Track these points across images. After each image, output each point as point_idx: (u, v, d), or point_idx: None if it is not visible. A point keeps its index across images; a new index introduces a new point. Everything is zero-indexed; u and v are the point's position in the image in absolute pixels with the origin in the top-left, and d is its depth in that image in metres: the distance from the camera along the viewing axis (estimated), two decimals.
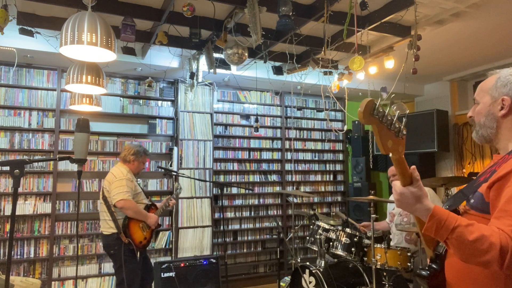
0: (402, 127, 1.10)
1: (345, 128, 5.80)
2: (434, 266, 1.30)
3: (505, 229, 1.07)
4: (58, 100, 4.51)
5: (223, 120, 5.43)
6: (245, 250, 5.42)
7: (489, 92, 1.32)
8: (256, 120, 5.16)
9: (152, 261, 4.75)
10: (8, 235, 3.56)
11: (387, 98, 4.78)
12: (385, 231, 3.89)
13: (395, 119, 1.08)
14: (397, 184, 1.18)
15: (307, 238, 3.82)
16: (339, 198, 6.18)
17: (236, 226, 5.38)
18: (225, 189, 5.26)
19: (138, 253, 3.37)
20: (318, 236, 3.58)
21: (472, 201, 1.26)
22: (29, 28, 3.46)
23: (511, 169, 1.16)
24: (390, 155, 1.10)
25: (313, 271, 3.42)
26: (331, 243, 3.52)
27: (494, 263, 1.05)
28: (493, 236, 1.05)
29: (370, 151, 5.89)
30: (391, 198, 3.94)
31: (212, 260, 4.47)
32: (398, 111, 1.14)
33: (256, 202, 5.53)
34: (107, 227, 3.33)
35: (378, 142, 1.07)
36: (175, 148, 4.98)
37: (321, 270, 3.42)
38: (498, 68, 1.36)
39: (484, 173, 1.28)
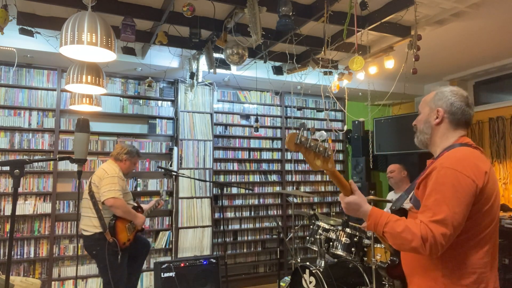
0: (327, 149, 1.34)
1: (345, 128, 5.81)
2: (394, 258, 1.59)
3: (424, 221, 1.32)
4: (58, 100, 4.51)
5: (223, 120, 5.43)
6: (245, 250, 5.42)
7: (428, 104, 1.58)
8: (256, 120, 5.16)
9: (152, 261, 4.77)
10: (8, 235, 3.56)
11: (386, 99, 4.79)
12: None
13: (319, 144, 1.31)
14: (341, 196, 1.48)
15: (307, 238, 3.82)
16: (339, 198, 6.17)
17: (236, 226, 5.38)
18: (225, 189, 5.26)
19: (120, 254, 3.24)
20: (318, 236, 3.58)
21: (411, 200, 1.52)
22: (29, 28, 3.46)
23: (430, 169, 1.41)
24: (324, 171, 1.37)
25: (313, 271, 3.42)
26: (331, 243, 3.52)
27: (419, 248, 1.30)
28: (415, 228, 1.31)
29: (370, 151, 5.89)
30: (388, 197, 3.95)
31: (212, 260, 4.47)
32: (321, 137, 1.43)
33: (256, 202, 5.53)
34: (90, 225, 3.21)
35: (308, 162, 1.33)
36: (175, 148, 4.98)
37: (321, 270, 3.42)
38: (498, 69, 1.47)
39: (420, 176, 1.52)
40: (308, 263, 3.54)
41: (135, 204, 3.49)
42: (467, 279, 1.36)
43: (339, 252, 3.46)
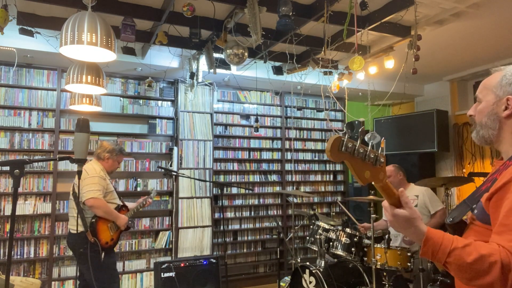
0: (378, 155, 1.07)
1: (345, 128, 5.80)
2: (445, 279, 1.28)
3: (506, 245, 1.01)
4: (58, 100, 4.51)
5: (223, 120, 5.43)
6: (245, 250, 5.42)
7: (494, 90, 1.23)
8: (256, 120, 5.16)
9: (152, 261, 4.78)
10: (8, 235, 3.55)
11: (386, 99, 4.78)
12: (385, 230, 3.89)
13: (368, 150, 1.05)
14: (387, 205, 1.13)
15: (307, 238, 3.82)
16: (339, 198, 6.18)
17: (236, 226, 5.38)
18: (225, 189, 5.26)
19: (103, 253, 3.16)
20: (318, 236, 3.58)
21: (476, 211, 1.19)
22: (29, 28, 3.46)
23: (509, 178, 1.09)
24: (374, 183, 1.08)
25: (313, 271, 3.42)
26: (331, 243, 3.53)
27: (496, 283, 0.99)
28: (493, 256, 1.00)
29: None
30: None
31: (212, 260, 4.47)
32: (371, 141, 1.12)
33: (256, 202, 5.53)
34: (75, 224, 3.15)
35: (354, 175, 1.05)
36: (175, 148, 4.98)
37: (321, 270, 3.42)
38: (498, 68, 1.32)
39: (486, 182, 1.23)
40: (308, 263, 3.54)
41: (121, 203, 3.41)
42: None
43: (339, 252, 3.46)
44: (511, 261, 0.99)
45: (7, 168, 1.69)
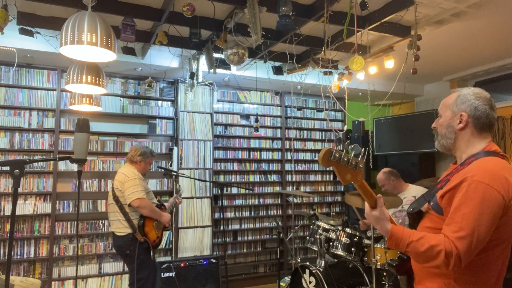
0: (358, 162, 1.37)
1: (345, 128, 5.81)
2: (403, 256, 1.58)
3: (450, 236, 1.30)
4: (58, 100, 4.51)
5: (223, 120, 5.43)
6: (245, 250, 5.42)
7: (450, 108, 1.51)
8: (256, 120, 5.16)
9: None
10: (8, 235, 3.56)
11: (386, 99, 4.79)
12: None
13: (351, 158, 1.35)
14: (366, 206, 1.46)
15: (307, 238, 3.82)
16: (339, 198, 6.18)
17: (236, 226, 5.38)
18: (225, 189, 5.26)
19: (152, 251, 3.39)
20: (318, 236, 3.59)
21: (431, 203, 1.49)
22: (29, 28, 3.46)
23: (460, 181, 1.35)
24: (353, 183, 1.39)
25: (313, 271, 3.42)
26: (331, 243, 3.53)
27: (442, 265, 1.30)
28: (439, 245, 1.29)
29: (370, 151, 5.89)
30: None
31: (212, 260, 4.48)
32: (354, 151, 1.45)
33: (256, 202, 5.53)
34: (121, 227, 3.31)
35: (339, 177, 1.36)
36: (175, 148, 4.98)
37: (321, 270, 3.42)
38: (498, 68, 1.43)
39: (441, 181, 1.50)
40: (308, 263, 3.54)
41: (158, 202, 3.56)
42: None
43: (339, 252, 3.46)
44: (452, 248, 1.28)
45: (7, 168, 1.70)
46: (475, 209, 1.29)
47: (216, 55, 4.16)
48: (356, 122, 6.14)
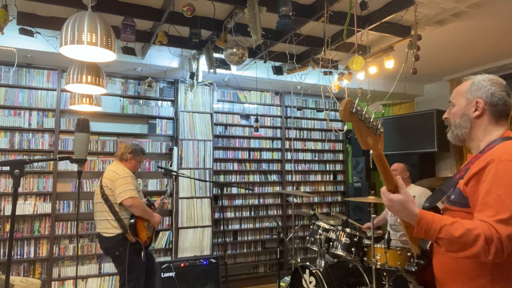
0: (379, 125, 1.20)
1: (345, 128, 5.80)
2: (421, 262, 1.40)
3: (488, 220, 1.15)
4: (58, 100, 4.51)
5: (223, 120, 5.43)
6: (245, 250, 5.42)
7: (464, 95, 1.42)
8: (256, 120, 5.16)
9: None
10: (8, 235, 3.56)
11: (386, 99, 4.78)
12: (384, 223, 3.91)
13: (372, 117, 1.17)
14: (384, 190, 1.29)
15: (307, 238, 3.82)
16: (339, 198, 6.18)
17: (236, 226, 5.38)
18: (225, 189, 5.26)
19: (143, 252, 3.27)
20: (318, 236, 3.59)
21: (452, 197, 1.35)
22: (29, 28, 3.46)
23: (484, 165, 1.25)
24: (371, 151, 1.21)
25: (313, 271, 3.42)
26: (331, 243, 3.53)
27: (481, 253, 1.12)
28: (477, 229, 1.14)
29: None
30: None
31: (212, 260, 4.48)
32: (374, 110, 1.30)
33: (256, 202, 5.53)
34: (110, 227, 3.19)
35: (359, 138, 1.17)
36: (175, 148, 4.98)
37: (321, 270, 3.42)
38: (498, 68, 1.40)
39: (460, 171, 1.39)
40: (308, 263, 3.54)
41: (147, 202, 3.48)
42: None
43: (339, 252, 3.46)
44: (492, 232, 1.12)
45: (7, 168, 1.70)
46: (509, 188, 1.17)
47: (216, 55, 4.16)
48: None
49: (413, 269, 1.39)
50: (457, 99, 1.45)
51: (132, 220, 3.20)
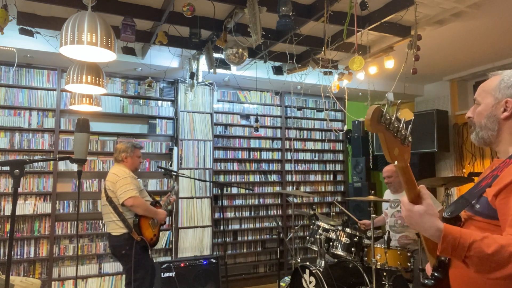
0: (407, 134, 1.07)
1: (345, 128, 5.80)
2: (437, 274, 1.25)
3: None
4: (58, 100, 4.51)
5: (223, 120, 5.43)
6: (245, 250, 5.42)
7: (492, 93, 1.27)
8: (256, 120, 5.16)
9: None
10: (8, 235, 3.56)
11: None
12: (382, 224, 3.91)
13: (401, 126, 1.04)
14: (405, 200, 1.14)
15: (307, 238, 3.82)
16: (339, 198, 6.18)
17: (236, 226, 5.38)
18: (225, 189, 5.26)
19: (149, 250, 3.34)
20: (318, 236, 3.58)
21: (477, 206, 1.20)
22: (29, 28, 3.46)
23: None
24: (396, 163, 1.06)
25: (313, 271, 3.42)
26: (331, 243, 3.53)
27: None
28: (511, 245, 0.99)
29: (370, 151, 5.89)
30: (385, 197, 3.92)
31: (212, 260, 4.48)
32: (404, 118, 1.11)
33: (256, 202, 5.53)
34: (116, 227, 3.25)
35: (385, 150, 1.04)
36: (175, 148, 4.98)
37: (321, 270, 3.42)
38: (498, 69, 1.33)
39: (486, 178, 1.24)
40: (308, 263, 3.54)
41: (152, 200, 3.52)
42: None
43: (339, 252, 3.46)
44: None
45: (7, 168, 1.70)
46: None
47: (216, 55, 4.16)
48: (356, 122, 6.15)
49: (430, 283, 1.25)
50: (483, 97, 1.30)
51: (136, 219, 3.26)
